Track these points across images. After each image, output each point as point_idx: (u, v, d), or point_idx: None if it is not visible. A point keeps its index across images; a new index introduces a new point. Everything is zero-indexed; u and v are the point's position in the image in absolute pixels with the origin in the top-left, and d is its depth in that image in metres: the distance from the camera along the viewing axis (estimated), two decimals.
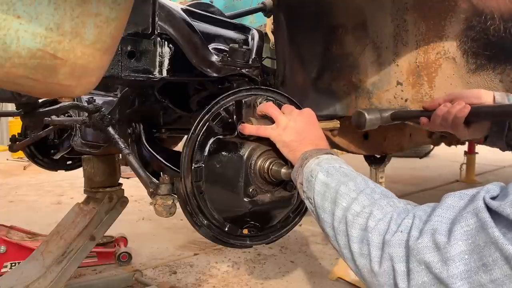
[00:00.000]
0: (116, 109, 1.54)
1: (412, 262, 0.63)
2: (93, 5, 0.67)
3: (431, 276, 0.60)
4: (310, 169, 0.91)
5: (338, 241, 0.79)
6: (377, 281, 0.70)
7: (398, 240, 0.67)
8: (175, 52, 1.20)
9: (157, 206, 1.11)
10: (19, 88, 0.77)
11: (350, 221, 0.77)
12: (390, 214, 0.73)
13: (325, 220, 0.83)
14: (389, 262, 0.67)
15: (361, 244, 0.73)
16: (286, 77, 1.65)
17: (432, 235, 0.62)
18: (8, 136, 9.04)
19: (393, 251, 0.67)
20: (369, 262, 0.71)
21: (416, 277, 0.62)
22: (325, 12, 1.62)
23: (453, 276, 0.57)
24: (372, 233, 0.72)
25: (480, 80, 1.30)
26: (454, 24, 1.31)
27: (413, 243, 0.64)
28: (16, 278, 1.77)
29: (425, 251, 0.61)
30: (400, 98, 1.50)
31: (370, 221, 0.74)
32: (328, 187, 0.85)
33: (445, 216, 0.63)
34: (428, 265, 0.60)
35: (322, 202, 0.84)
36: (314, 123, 1.04)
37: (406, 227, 0.68)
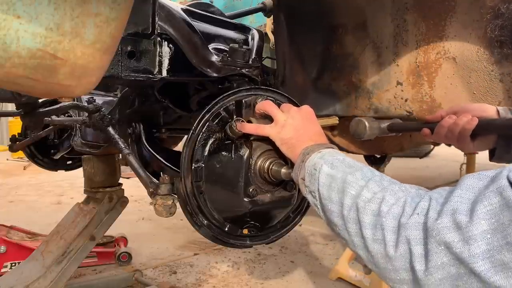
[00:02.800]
0: (116, 109, 1.54)
1: (431, 243, 0.62)
2: (93, 5, 0.67)
3: (451, 256, 0.59)
4: (313, 163, 0.90)
5: (348, 229, 0.77)
6: (392, 266, 0.68)
7: (414, 223, 0.66)
8: (175, 52, 1.20)
9: (157, 206, 1.11)
10: (19, 88, 0.77)
11: (362, 208, 0.75)
12: (404, 198, 0.72)
13: (332, 210, 0.82)
14: (405, 245, 0.66)
15: (374, 230, 0.72)
16: (286, 77, 1.65)
17: (452, 215, 0.60)
18: (8, 136, 9.04)
19: (410, 234, 0.65)
20: (384, 247, 0.69)
21: (434, 258, 0.61)
22: (325, 12, 1.62)
23: (475, 256, 0.56)
24: (386, 217, 0.71)
25: (480, 80, 1.30)
26: (454, 24, 1.31)
27: (432, 224, 0.62)
28: (16, 278, 1.77)
29: (445, 231, 0.60)
30: (400, 98, 1.50)
31: (383, 206, 0.73)
32: (334, 178, 0.84)
33: (465, 197, 0.61)
34: (448, 245, 0.59)
35: (329, 192, 0.83)
36: (313, 119, 1.04)
37: (422, 209, 0.66)
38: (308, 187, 0.90)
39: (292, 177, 1.00)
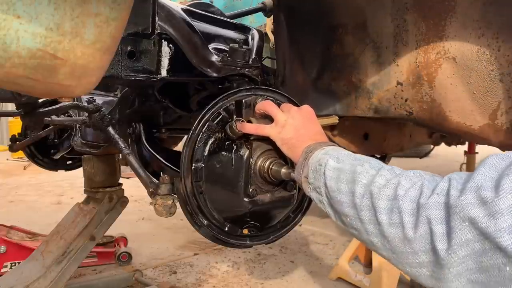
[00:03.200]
0: (116, 109, 1.54)
1: (454, 221, 0.60)
2: (93, 5, 0.67)
3: (476, 232, 0.58)
4: (317, 159, 0.89)
5: (362, 217, 0.76)
6: (411, 249, 0.67)
7: (435, 203, 0.65)
8: (175, 52, 1.20)
9: (157, 206, 1.11)
10: (19, 88, 0.77)
11: (376, 193, 0.74)
12: (420, 182, 0.71)
13: (342, 201, 0.81)
14: (426, 225, 0.64)
15: (390, 214, 0.70)
16: (286, 77, 1.65)
17: (477, 191, 0.59)
18: (8, 136, 9.04)
19: (430, 213, 0.64)
20: (402, 230, 0.68)
21: (458, 235, 0.60)
22: (325, 12, 1.62)
23: (501, 230, 0.55)
24: (404, 200, 0.69)
25: (480, 80, 1.30)
26: (454, 24, 1.31)
27: (454, 201, 0.61)
28: (16, 278, 1.77)
29: (469, 207, 0.59)
30: (400, 98, 1.50)
31: (399, 190, 0.71)
32: (341, 170, 0.83)
33: (488, 175, 0.61)
34: (473, 221, 0.58)
35: (337, 184, 0.82)
36: (313, 119, 1.04)
37: (442, 189, 0.65)
38: (312, 184, 0.89)
39: (294, 177, 0.99)
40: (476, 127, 1.36)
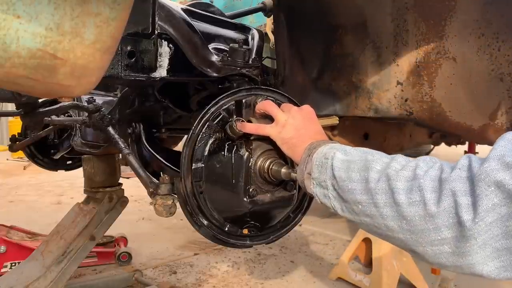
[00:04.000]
0: (116, 109, 1.54)
1: (479, 188, 0.60)
2: (93, 5, 0.66)
3: (503, 195, 0.58)
4: (322, 154, 0.88)
5: (377, 201, 0.74)
6: (434, 224, 0.65)
7: (458, 176, 0.64)
8: (175, 52, 1.20)
9: (157, 206, 1.11)
10: (19, 88, 0.77)
11: (393, 175, 0.72)
12: (438, 163, 0.70)
13: (353, 189, 0.79)
14: (450, 198, 0.63)
15: (409, 194, 0.69)
16: (286, 77, 1.65)
17: (500, 159, 0.59)
18: (8, 136, 9.04)
19: (455, 186, 0.63)
20: (423, 207, 0.66)
21: (484, 201, 0.59)
22: (325, 12, 1.62)
23: None
24: (424, 178, 0.68)
25: (480, 80, 1.30)
26: (454, 24, 1.31)
27: (478, 170, 0.61)
28: (16, 278, 1.77)
29: (494, 172, 0.59)
30: (400, 98, 1.50)
31: (418, 170, 0.70)
32: (351, 161, 0.82)
33: (508, 146, 0.61)
34: (499, 183, 0.58)
35: (348, 174, 0.80)
36: (313, 119, 1.04)
37: (463, 165, 0.65)
38: (316, 179, 0.88)
39: (294, 177, 0.99)
40: (476, 127, 1.36)
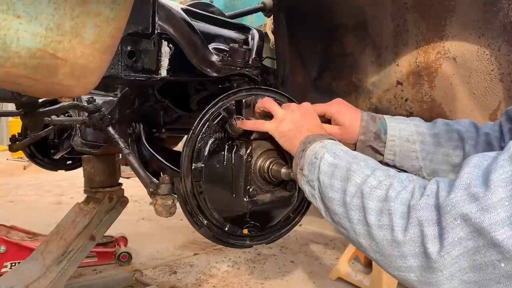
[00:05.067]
0: (116, 109, 1.54)
1: (445, 220, 0.59)
2: (93, 5, 0.66)
3: (469, 229, 0.57)
4: (314, 152, 0.88)
5: (350, 217, 0.74)
6: (400, 252, 0.65)
7: (425, 204, 0.63)
8: (175, 52, 1.20)
9: (157, 206, 1.11)
10: (19, 88, 0.77)
11: (367, 193, 0.72)
12: (412, 184, 0.70)
13: (333, 198, 0.79)
14: (416, 227, 0.63)
15: (380, 216, 0.69)
16: (286, 77, 1.65)
17: (466, 189, 0.58)
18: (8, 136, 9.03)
19: (421, 215, 0.63)
20: (391, 232, 0.66)
21: (451, 234, 0.58)
22: (325, 12, 1.62)
23: (495, 223, 0.54)
24: (395, 202, 0.68)
25: (480, 81, 1.30)
26: (454, 24, 1.31)
27: (444, 200, 0.60)
28: (16, 278, 1.77)
29: (460, 204, 0.58)
30: (400, 97, 1.50)
31: (390, 191, 0.70)
32: (337, 166, 0.82)
33: (474, 173, 0.60)
34: (466, 217, 0.57)
35: (331, 180, 0.80)
36: (312, 114, 1.03)
37: (431, 191, 0.64)
38: (306, 177, 0.88)
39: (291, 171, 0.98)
40: None
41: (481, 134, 1.00)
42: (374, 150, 1.08)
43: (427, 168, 1.05)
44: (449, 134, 1.03)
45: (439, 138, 1.03)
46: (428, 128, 1.06)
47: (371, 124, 1.07)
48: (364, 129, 1.07)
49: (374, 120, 1.08)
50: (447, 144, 1.02)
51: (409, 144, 1.05)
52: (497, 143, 0.97)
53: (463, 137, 1.01)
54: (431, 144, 1.04)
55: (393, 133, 1.05)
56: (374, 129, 1.06)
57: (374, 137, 1.07)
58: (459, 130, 1.02)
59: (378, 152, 1.08)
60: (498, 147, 0.97)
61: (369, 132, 1.07)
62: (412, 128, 1.06)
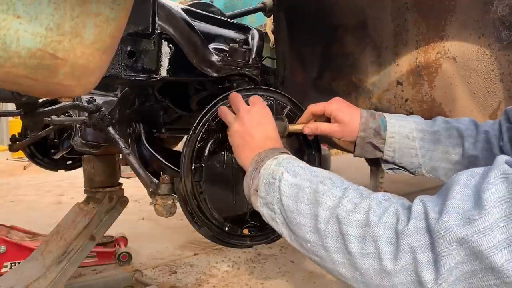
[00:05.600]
0: (116, 109, 1.54)
1: (440, 245, 0.55)
2: (93, 5, 0.66)
3: (465, 252, 0.54)
4: (269, 171, 0.81)
5: (326, 245, 0.68)
6: (390, 282, 0.60)
7: (416, 228, 0.59)
8: (175, 52, 1.20)
9: (157, 206, 1.11)
10: (19, 88, 0.77)
11: (344, 218, 0.66)
12: (393, 206, 0.64)
13: (302, 224, 0.72)
14: (408, 254, 0.58)
15: (362, 243, 0.63)
16: (286, 77, 1.65)
17: (459, 211, 0.55)
18: (8, 136, 9.03)
19: (413, 240, 0.58)
20: (378, 261, 0.61)
21: (447, 260, 0.55)
22: (325, 12, 1.62)
23: (493, 247, 0.51)
24: (378, 227, 0.62)
25: (480, 81, 1.30)
26: (454, 24, 1.31)
27: (436, 223, 0.56)
28: (16, 278, 1.77)
29: (455, 228, 0.54)
30: (400, 97, 1.50)
31: (371, 215, 0.64)
32: (300, 187, 0.75)
33: (465, 193, 0.57)
34: (462, 241, 0.54)
35: (297, 204, 0.74)
36: (262, 122, 0.95)
37: (419, 213, 0.60)
38: (263, 199, 0.81)
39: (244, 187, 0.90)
40: None
41: (480, 132, 1.00)
42: (374, 147, 1.08)
43: (426, 165, 1.05)
44: (448, 131, 1.03)
45: (439, 136, 1.03)
46: (428, 126, 1.05)
47: (371, 121, 1.06)
48: (364, 125, 1.06)
49: (374, 117, 1.07)
50: (447, 141, 1.02)
51: (409, 141, 1.05)
52: (496, 141, 0.97)
53: (462, 135, 1.01)
54: (430, 142, 1.03)
55: (393, 130, 1.05)
56: (374, 126, 1.06)
57: (373, 134, 1.06)
58: (459, 127, 1.02)
59: (378, 149, 1.08)
60: (497, 145, 0.96)
61: (369, 128, 1.06)
62: (412, 125, 1.05)
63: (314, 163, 1.25)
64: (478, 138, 0.99)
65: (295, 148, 1.20)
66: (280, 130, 1.11)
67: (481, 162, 0.97)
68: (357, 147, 1.09)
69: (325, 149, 6.04)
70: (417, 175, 1.10)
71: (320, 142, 1.29)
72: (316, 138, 1.24)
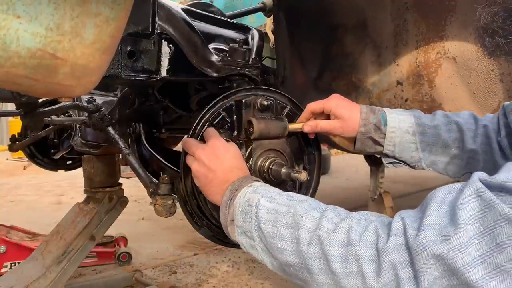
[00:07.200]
0: (116, 109, 1.54)
1: (418, 262, 0.57)
2: (93, 5, 0.66)
3: (442, 268, 0.55)
4: (245, 199, 0.81)
5: (310, 267, 0.68)
6: None
7: (395, 245, 0.60)
8: (175, 52, 1.20)
9: (157, 206, 1.11)
10: (19, 88, 0.77)
11: (326, 239, 0.67)
12: (373, 224, 0.66)
13: (283, 248, 0.72)
14: (390, 271, 0.60)
15: (345, 262, 0.64)
16: (286, 77, 1.65)
17: (435, 228, 0.57)
18: (8, 136, 9.03)
19: (394, 257, 0.60)
20: (362, 279, 0.62)
21: (426, 276, 0.56)
22: (325, 12, 1.62)
23: (468, 264, 0.53)
24: (360, 245, 0.63)
25: (480, 81, 1.30)
26: (454, 24, 1.31)
27: (414, 241, 0.58)
28: (16, 278, 1.77)
29: (431, 245, 0.56)
30: (400, 97, 1.50)
31: (352, 234, 0.65)
32: (278, 212, 0.75)
33: (441, 210, 0.59)
34: (438, 258, 0.55)
35: (276, 229, 0.73)
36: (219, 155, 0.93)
37: (398, 230, 0.61)
38: (241, 227, 0.80)
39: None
40: None
41: (479, 126, 1.01)
42: (374, 141, 1.08)
43: (426, 159, 1.06)
44: (448, 126, 1.03)
45: (439, 130, 1.03)
46: (428, 120, 1.06)
47: (371, 116, 1.07)
48: (364, 121, 1.07)
49: (374, 112, 1.08)
50: (447, 135, 1.03)
51: (409, 135, 1.05)
52: (494, 135, 0.98)
53: (462, 129, 1.01)
54: (430, 136, 1.04)
55: (393, 125, 1.05)
56: (374, 121, 1.06)
57: (374, 129, 1.06)
58: (458, 122, 1.03)
59: (378, 143, 1.08)
60: (496, 139, 0.97)
61: (370, 123, 1.07)
62: (412, 120, 1.06)
63: (314, 162, 1.25)
64: (477, 132, 1.00)
65: (295, 148, 1.20)
66: (280, 130, 1.11)
67: (480, 156, 0.98)
68: (358, 142, 1.10)
69: (325, 149, 6.04)
70: (417, 169, 1.11)
71: (320, 142, 1.29)
72: (316, 138, 1.24)
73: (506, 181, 0.53)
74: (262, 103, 1.11)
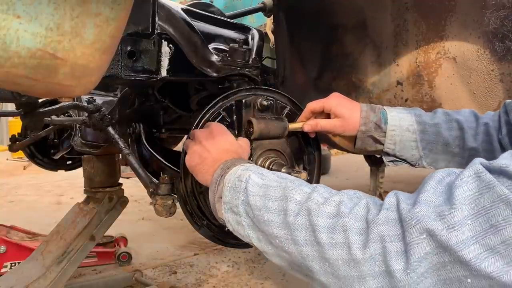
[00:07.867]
0: (116, 109, 1.54)
1: (410, 235, 0.56)
2: (93, 5, 0.66)
3: (434, 244, 0.54)
4: (236, 175, 0.80)
5: (296, 238, 0.66)
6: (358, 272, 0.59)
7: (386, 218, 0.59)
8: (175, 52, 1.20)
9: (157, 206, 1.11)
10: (19, 88, 0.77)
11: (314, 210, 0.65)
12: (364, 200, 0.65)
13: (270, 220, 0.70)
14: (378, 243, 0.58)
15: (332, 233, 0.62)
16: (286, 77, 1.65)
17: (431, 205, 0.56)
18: (8, 136, 9.03)
19: (383, 230, 0.58)
20: (347, 250, 0.60)
21: (417, 250, 0.55)
22: (325, 12, 1.62)
23: (462, 242, 0.52)
24: (349, 217, 0.62)
25: (480, 81, 1.30)
26: (454, 24, 1.31)
27: (408, 214, 0.57)
28: (16, 278, 1.77)
29: (426, 219, 0.55)
30: (400, 98, 1.50)
31: (342, 207, 0.64)
32: (268, 187, 0.75)
33: (438, 189, 0.58)
34: (432, 233, 0.54)
35: (265, 202, 0.72)
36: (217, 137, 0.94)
37: (390, 205, 0.60)
38: (227, 203, 0.79)
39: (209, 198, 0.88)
40: None
41: (480, 124, 1.01)
42: (375, 140, 1.08)
43: (427, 157, 1.06)
44: (448, 124, 1.03)
45: (439, 128, 1.03)
46: (428, 118, 1.06)
47: (371, 115, 1.07)
48: (364, 119, 1.07)
49: (374, 111, 1.08)
50: (447, 133, 1.03)
51: (409, 133, 1.05)
52: (495, 133, 0.98)
53: (462, 127, 1.01)
54: (431, 134, 1.04)
55: (394, 123, 1.06)
56: (374, 119, 1.07)
57: (374, 127, 1.07)
58: (459, 120, 1.03)
59: (379, 142, 1.08)
60: (497, 137, 0.97)
61: (370, 122, 1.07)
62: (412, 118, 1.06)
63: (314, 162, 1.25)
64: (478, 130, 1.00)
65: (295, 148, 1.20)
66: (280, 130, 1.11)
67: (481, 154, 0.98)
68: (358, 141, 1.10)
69: (325, 149, 6.03)
70: (418, 167, 1.11)
71: (320, 142, 1.29)
72: (316, 137, 1.24)
73: (508, 166, 0.53)
74: (262, 103, 1.11)
